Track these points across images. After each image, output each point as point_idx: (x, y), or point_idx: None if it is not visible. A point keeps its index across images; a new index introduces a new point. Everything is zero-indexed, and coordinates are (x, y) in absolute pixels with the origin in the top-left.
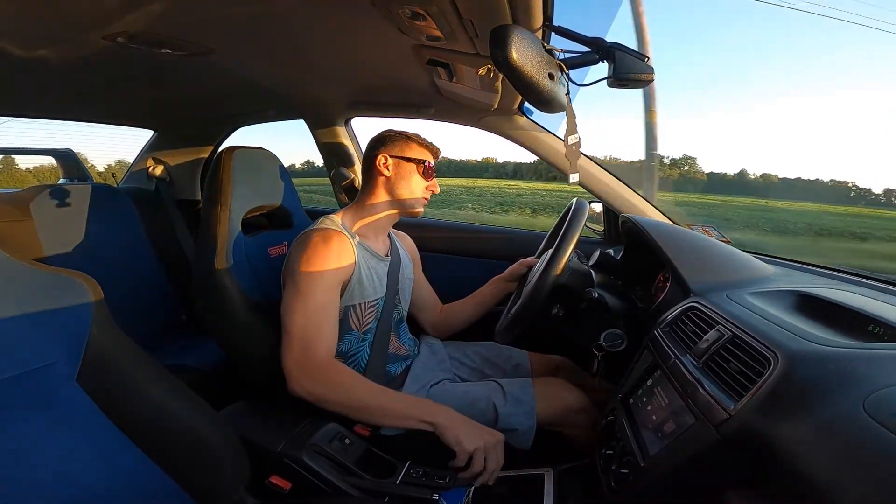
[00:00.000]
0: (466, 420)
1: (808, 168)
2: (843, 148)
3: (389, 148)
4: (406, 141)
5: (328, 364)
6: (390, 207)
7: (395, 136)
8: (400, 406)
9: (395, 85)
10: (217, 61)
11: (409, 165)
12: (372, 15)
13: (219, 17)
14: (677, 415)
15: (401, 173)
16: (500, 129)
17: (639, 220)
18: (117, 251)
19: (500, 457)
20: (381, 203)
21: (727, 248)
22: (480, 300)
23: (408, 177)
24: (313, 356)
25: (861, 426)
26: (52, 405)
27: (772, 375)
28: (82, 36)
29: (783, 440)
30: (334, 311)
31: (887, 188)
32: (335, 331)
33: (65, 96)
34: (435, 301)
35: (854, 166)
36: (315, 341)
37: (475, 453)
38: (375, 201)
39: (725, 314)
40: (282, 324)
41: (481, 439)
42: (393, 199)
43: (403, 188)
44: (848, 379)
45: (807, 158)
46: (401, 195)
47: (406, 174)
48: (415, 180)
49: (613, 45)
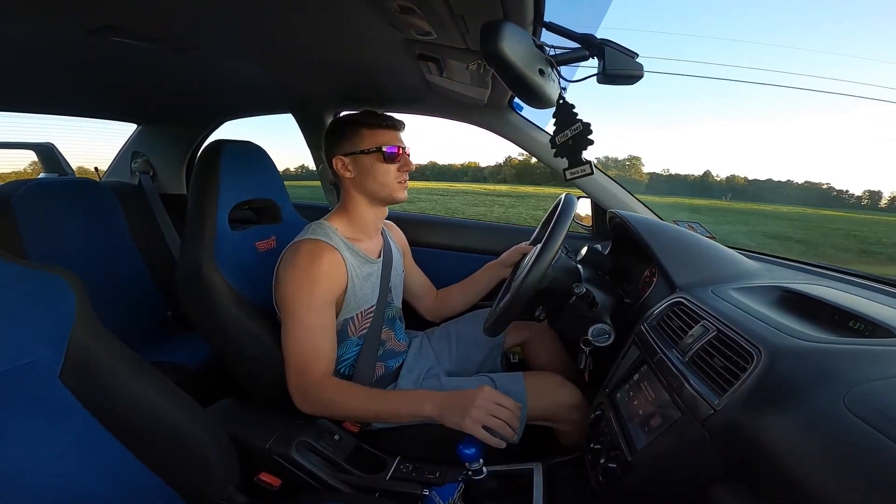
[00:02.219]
0: (453, 399)
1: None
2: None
3: (342, 146)
4: (355, 130)
5: (322, 385)
6: (370, 205)
7: (343, 129)
8: (392, 407)
9: (385, 79)
10: (203, 55)
11: (367, 158)
12: (361, 8)
13: (204, 9)
14: (663, 409)
15: (362, 169)
16: (491, 125)
17: (626, 216)
18: (100, 247)
19: (502, 409)
20: (359, 204)
21: (712, 244)
22: (475, 285)
23: (371, 170)
24: (309, 379)
25: (842, 421)
26: (34, 403)
27: (755, 370)
28: (64, 28)
29: (766, 435)
30: (330, 330)
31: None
32: (332, 347)
33: (46, 89)
34: (428, 288)
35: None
36: (310, 365)
37: (476, 429)
38: (354, 204)
39: (710, 309)
40: (283, 349)
41: (475, 409)
42: (367, 196)
43: (371, 183)
44: (829, 374)
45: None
46: (373, 191)
47: (367, 168)
48: (380, 171)
49: (604, 41)
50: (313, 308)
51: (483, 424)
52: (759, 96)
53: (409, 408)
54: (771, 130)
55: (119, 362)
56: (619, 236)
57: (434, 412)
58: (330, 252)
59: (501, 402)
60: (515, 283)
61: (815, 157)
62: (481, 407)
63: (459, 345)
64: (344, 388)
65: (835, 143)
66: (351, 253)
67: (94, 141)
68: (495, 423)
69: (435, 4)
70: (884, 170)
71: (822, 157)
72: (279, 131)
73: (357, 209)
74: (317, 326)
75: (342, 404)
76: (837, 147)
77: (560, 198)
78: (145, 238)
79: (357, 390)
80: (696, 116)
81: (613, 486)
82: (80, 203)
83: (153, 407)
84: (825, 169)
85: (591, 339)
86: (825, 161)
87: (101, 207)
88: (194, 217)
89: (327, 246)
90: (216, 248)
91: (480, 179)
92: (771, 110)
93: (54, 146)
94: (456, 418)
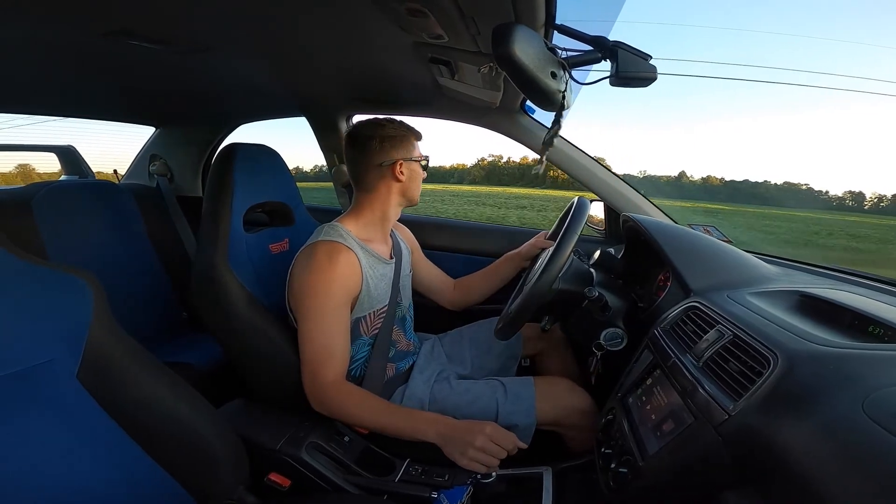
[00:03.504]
0: (458, 433)
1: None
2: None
3: (401, 150)
4: (408, 138)
5: (335, 389)
6: (399, 206)
7: (400, 135)
8: (400, 424)
9: (397, 83)
10: (216, 58)
11: (417, 165)
12: (373, 12)
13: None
14: (676, 414)
15: (413, 175)
16: (502, 128)
17: (640, 220)
18: (118, 248)
19: (500, 450)
20: (392, 206)
21: (728, 248)
22: (496, 274)
23: (418, 177)
24: (322, 381)
25: (860, 427)
26: (52, 402)
27: (771, 375)
28: (82, 32)
29: (782, 440)
30: (344, 332)
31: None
32: (345, 350)
33: (65, 92)
34: (445, 280)
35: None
36: (324, 367)
37: (470, 466)
38: (388, 206)
39: (726, 314)
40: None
41: (473, 450)
42: (405, 200)
43: (415, 189)
44: (847, 379)
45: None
46: (412, 195)
47: (417, 175)
48: (420, 178)
49: (616, 43)
50: (329, 310)
51: (472, 466)
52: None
53: (413, 429)
54: (755, 128)
55: (135, 362)
56: (632, 240)
57: (437, 440)
58: (346, 253)
59: (502, 443)
60: (527, 286)
61: (797, 157)
62: (481, 449)
63: (472, 349)
64: (355, 398)
65: (815, 142)
66: (365, 254)
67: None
68: (490, 463)
69: (446, 7)
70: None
71: (804, 157)
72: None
73: (387, 210)
74: (331, 328)
75: (354, 414)
76: (818, 146)
77: (573, 201)
78: (162, 240)
79: (368, 401)
80: (676, 117)
81: (624, 492)
82: (99, 205)
83: (167, 407)
84: (807, 169)
85: (603, 343)
86: (807, 161)
87: (120, 209)
88: (209, 219)
89: (343, 247)
90: (230, 250)
91: (465, 180)
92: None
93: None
94: (455, 453)
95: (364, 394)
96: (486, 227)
